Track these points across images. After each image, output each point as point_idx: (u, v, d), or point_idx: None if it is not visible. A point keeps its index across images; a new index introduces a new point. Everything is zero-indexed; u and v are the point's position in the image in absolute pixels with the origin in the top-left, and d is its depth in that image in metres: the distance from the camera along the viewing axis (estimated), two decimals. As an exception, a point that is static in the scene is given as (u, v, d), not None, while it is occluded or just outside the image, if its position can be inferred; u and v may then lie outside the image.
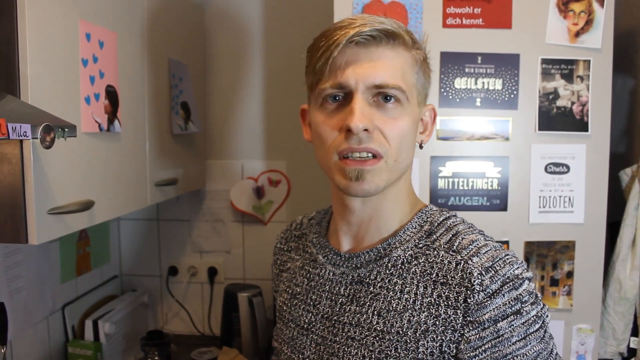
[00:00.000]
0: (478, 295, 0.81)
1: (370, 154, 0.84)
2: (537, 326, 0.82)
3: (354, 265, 0.94)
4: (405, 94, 0.85)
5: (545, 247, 1.54)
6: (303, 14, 2.06)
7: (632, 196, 1.62)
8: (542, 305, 0.85)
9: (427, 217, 0.93)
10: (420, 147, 0.96)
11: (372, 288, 0.90)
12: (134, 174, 1.52)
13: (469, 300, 0.82)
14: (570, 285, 1.55)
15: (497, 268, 0.83)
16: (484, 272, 0.82)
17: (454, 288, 0.84)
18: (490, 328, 0.81)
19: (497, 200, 1.52)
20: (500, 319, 0.81)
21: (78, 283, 1.90)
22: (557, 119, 1.51)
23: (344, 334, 0.91)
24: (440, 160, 1.52)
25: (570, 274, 1.54)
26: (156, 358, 1.81)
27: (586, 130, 1.51)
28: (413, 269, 0.88)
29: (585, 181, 1.52)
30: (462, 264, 0.85)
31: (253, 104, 2.15)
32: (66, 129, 1.02)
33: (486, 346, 0.81)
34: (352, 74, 0.84)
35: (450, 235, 0.89)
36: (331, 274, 0.97)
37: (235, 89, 2.15)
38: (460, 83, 1.50)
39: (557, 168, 1.52)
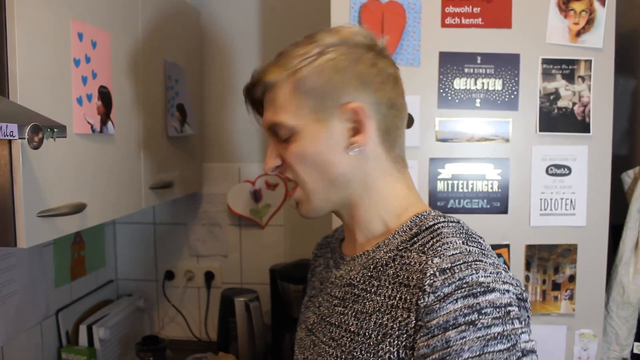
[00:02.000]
0: (428, 298, 0.75)
1: (292, 183, 0.93)
2: (501, 347, 0.70)
3: (349, 268, 0.94)
4: (286, 126, 0.89)
5: (547, 250, 1.51)
6: (299, 16, 2.05)
7: (635, 198, 1.60)
8: (517, 326, 0.72)
9: (419, 221, 0.89)
10: (359, 151, 0.88)
11: (356, 290, 0.90)
12: (128, 176, 1.49)
13: (419, 302, 0.76)
14: (573, 289, 1.52)
15: (455, 270, 0.75)
16: (437, 273, 0.76)
17: (411, 289, 0.78)
18: (439, 336, 0.72)
19: (498, 203, 1.50)
20: (450, 327, 0.72)
21: (72, 287, 1.87)
22: (558, 120, 1.49)
23: (329, 334, 0.91)
24: (439, 162, 1.49)
25: (572, 278, 1.52)
26: (151, 364, 1.78)
27: (588, 131, 1.49)
28: (388, 271, 0.85)
29: (587, 183, 1.50)
30: (422, 264, 0.79)
31: (250, 106, 2.12)
32: (55, 130, 0.99)
33: (434, 356, 0.72)
34: (261, 120, 0.98)
35: (430, 237, 0.83)
36: (334, 277, 0.98)
37: (232, 91, 2.13)
38: (459, 83, 1.48)
39: (559, 170, 1.50)
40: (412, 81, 1.48)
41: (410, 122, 1.48)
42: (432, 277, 0.76)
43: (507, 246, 1.51)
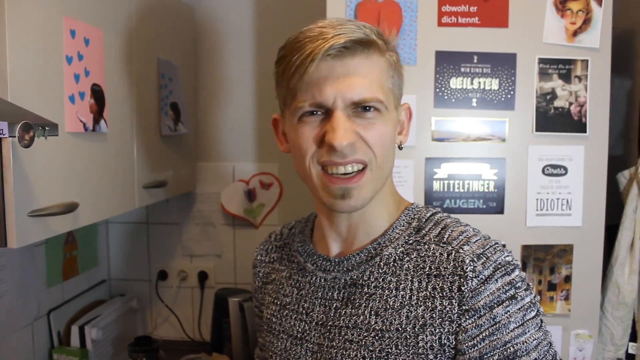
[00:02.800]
0: (471, 282, 0.81)
1: (355, 170, 0.84)
2: (534, 313, 0.82)
3: (345, 269, 0.93)
4: (384, 103, 0.84)
5: (543, 250, 1.50)
6: (295, 14, 2.03)
7: (631, 199, 1.60)
8: (534, 294, 0.85)
9: (414, 214, 0.94)
10: (400, 148, 0.93)
11: (366, 289, 0.89)
12: (120, 175, 1.47)
13: (462, 288, 0.82)
14: (568, 289, 1.52)
15: (489, 254, 0.83)
16: (475, 259, 0.82)
17: (448, 278, 0.83)
18: (487, 315, 0.80)
19: (494, 203, 1.49)
20: (495, 305, 0.81)
21: (64, 288, 1.85)
22: (555, 119, 1.48)
23: (340, 337, 0.89)
24: (435, 162, 1.48)
25: (568, 278, 1.51)
26: (144, 364, 1.76)
27: (584, 131, 1.48)
28: (406, 265, 0.88)
29: (583, 183, 1.50)
30: (453, 254, 0.85)
31: (244, 105, 2.11)
32: (47, 128, 0.98)
33: (484, 334, 0.80)
34: (330, 92, 0.82)
35: (439, 229, 0.89)
36: (322, 280, 0.95)
37: (226, 90, 2.11)
38: (455, 83, 1.47)
39: (555, 170, 1.49)
40: (409, 80, 1.44)
41: (406, 121, 1.47)
42: (472, 263, 0.82)
43: (503, 246, 1.49)
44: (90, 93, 1.30)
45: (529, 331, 0.81)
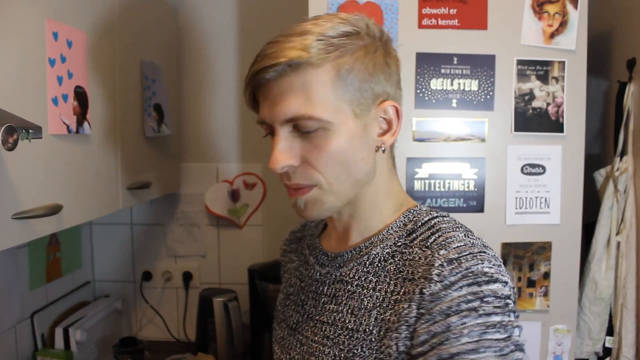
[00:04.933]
0: (434, 286, 0.75)
1: (305, 183, 0.83)
2: (499, 336, 0.72)
3: (337, 265, 0.92)
4: (321, 121, 0.79)
5: (522, 248, 1.53)
6: (277, 15, 2.04)
7: (607, 197, 1.63)
8: (513, 319, 0.74)
9: (413, 217, 0.89)
10: (383, 151, 0.86)
11: (349, 286, 0.88)
12: (104, 177, 1.48)
13: (424, 291, 0.76)
14: (547, 286, 1.55)
15: (462, 260, 0.76)
16: (445, 264, 0.76)
17: (416, 282, 0.78)
18: (441, 322, 0.73)
19: (474, 202, 1.52)
20: (452, 313, 0.73)
21: (48, 289, 1.85)
22: (533, 120, 1.51)
23: (321, 333, 0.89)
24: (416, 162, 1.50)
25: (546, 275, 1.54)
26: (129, 366, 1.77)
27: (561, 131, 1.51)
28: (388, 267, 0.84)
29: (561, 182, 1.53)
30: (429, 258, 0.79)
31: (228, 106, 2.12)
32: (31, 130, 0.98)
33: (433, 342, 0.73)
34: (267, 112, 0.82)
35: (430, 233, 0.84)
36: (318, 274, 0.96)
37: (209, 91, 2.12)
38: (436, 84, 1.49)
39: (533, 169, 1.52)
40: (390, 81, 1.49)
41: (387, 122, 1.49)
42: (440, 267, 0.76)
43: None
44: (74, 95, 1.30)
45: (484, 352, 0.70)
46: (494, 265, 0.77)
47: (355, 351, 0.82)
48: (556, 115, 1.51)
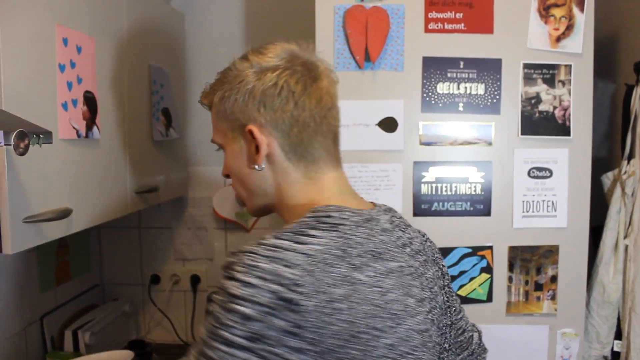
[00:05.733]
0: None
1: None
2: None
3: None
4: (216, 143, 1.01)
5: (529, 251, 1.53)
6: (284, 20, 2.05)
7: (614, 200, 1.63)
8: (217, 317, 0.76)
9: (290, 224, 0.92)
10: (257, 168, 0.94)
11: None
12: (113, 181, 1.49)
13: None
14: (555, 289, 1.55)
15: (227, 259, 0.82)
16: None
17: None
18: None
19: (481, 205, 1.52)
20: None
21: (57, 293, 1.86)
22: (540, 123, 1.51)
23: None
24: (423, 166, 1.51)
25: (554, 279, 1.54)
26: (138, 368, 1.77)
27: (568, 134, 1.51)
28: None
29: (568, 185, 1.53)
30: None
31: (236, 110, 2.13)
32: (41, 135, 1.00)
33: None
34: None
35: None
36: None
37: (217, 95, 2.13)
38: (442, 88, 1.50)
39: (540, 172, 1.52)
40: (396, 86, 1.50)
41: (394, 126, 1.50)
42: None
43: (490, 248, 1.53)
44: (83, 100, 1.32)
45: (204, 324, 0.79)
46: (237, 267, 0.78)
47: None
48: (563, 118, 1.51)
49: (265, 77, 0.93)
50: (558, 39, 1.49)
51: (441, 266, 1.05)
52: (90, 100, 1.35)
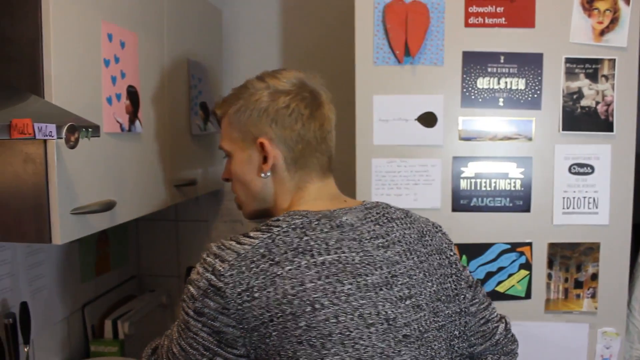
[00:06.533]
0: None
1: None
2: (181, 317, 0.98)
3: None
4: (224, 149, 1.16)
5: (569, 248, 1.51)
6: (321, 15, 2.05)
7: (658, 197, 1.60)
8: (187, 301, 0.96)
9: None
10: (265, 176, 1.10)
11: None
12: (154, 174, 1.52)
13: None
14: (595, 287, 1.52)
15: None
16: None
17: None
18: None
19: (520, 202, 1.50)
20: None
21: (97, 283, 1.91)
22: (581, 119, 1.49)
23: None
24: (462, 161, 1.50)
25: (594, 276, 1.52)
26: (175, 358, 1.80)
27: (611, 130, 1.49)
28: None
29: (610, 182, 1.50)
30: None
31: (271, 104, 2.14)
32: (90, 129, 1.02)
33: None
34: None
35: None
36: None
37: (253, 89, 2.14)
38: (482, 83, 1.48)
39: (582, 169, 1.50)
40: (436, 81, 1.49)
41: (433, 121, 1.49)
42: None
43: (530, 244, 1.51)
44: (126, 94, 1.34)
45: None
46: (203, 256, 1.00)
47: None
48: (605, 114, 1.49)
49: (279, 99, 1.08)
50: (602, 33, 1.47)
51: (449, 255, 1.10)
52: (133, 95, 1.37)
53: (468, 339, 1.09)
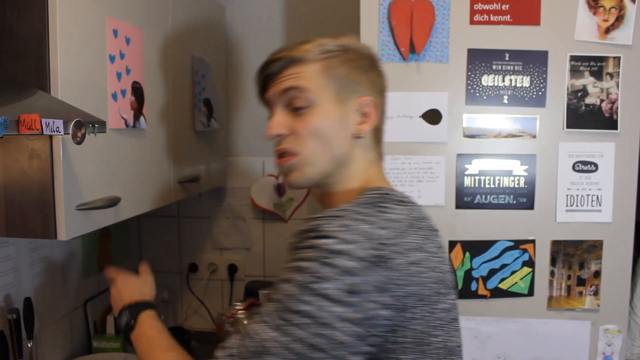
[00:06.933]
0: (290, 247, 0.87)
1: (285, 151, 0.99)
2: (302, 279, 0.80)
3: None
4: (310, 94, 0.98)
5: (572, 246, 1.52)
6: (325, 12, 2.05)
7: (661, 195, 1.60)
8: (320, 266, 0.80)
9: (357, 196, 0.94)
10: (358, 137, 1.00)
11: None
12: (158, 170, 1.52)
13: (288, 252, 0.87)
14: (598, 285, 1.53)
15: (305, 227, 0.85)
16: (298, 232, 0.87)
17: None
18: (287, 265, 0.85)
19: (524, 199, 1.51)
20: (289, 259, 0.85)
21: (99, 279, 1.91)
22: (586, 116, 1.49)
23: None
24: (466, 158, 1.50)
25: (597, 274, 1.52)
26: (178, 354, 1.81)
27: (615, 128, 1.49)
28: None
29: (613, 180, 1.50)
30: None
31: (274, 101, 2.14)
32: (96, 125, 1.02)
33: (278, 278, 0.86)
34: (270, 92, 1.03)
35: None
36: None
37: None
38: (487, 80, 1.48)
39: (585, 166, 1.50)
40: (441, 78, 1.49)
41: (438, 118, 1.49)
42: (295, 235, 0.88)
43: (533, 241, 1.51)
44: (131, 90, 1.34)
45: (289, 282, 0.81)
46: (328, 227, 0.83)
47: None
48: (610, 112, 1.49)
49: (378, 66, 1.06)
50: (607, 31, 1.47)
51: None
52: (137, 91, 1.37)
53: None
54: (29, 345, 1.47)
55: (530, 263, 1.52)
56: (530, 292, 1.53)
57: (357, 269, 0.79)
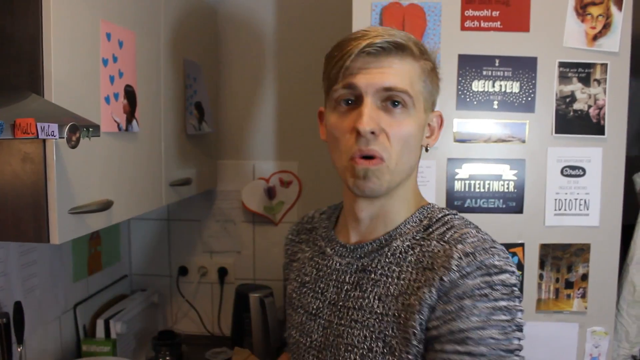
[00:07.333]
0: (453, 275, 0.87)
1: (376, 155, 0.91)
2: (504, 317, 0.85)
3: (358, 256, 1.00)
4: (412, 99, 0.92)
5: (561, 249, 1.54)
6: (317, 16, 2.06)
7: (647, 199, 1.63)
8: (517, 304, 0.87)
9: (427, 214, 1.00)
10: (426, 150, 1.01)
11: (373, 275, 0.97)
12: (150, 173, 1.52)
13: (444, 279, 0.87)
14: (585, 287, 1.55)
15: (477, 254, 0.87)
16: (463, 257, 0.87)
17: (436, 271, 0.89)
18: (455, 303, 0.86)
19: (513, 203, 1.52)
20: (466, 297, 0.85)
21: (89, 282, 1.90)
22: (574, 122, 1.51)
23: (348, 317, 0.97)
24: (456, 163, 1.52)
25: (585, 277, 1.55)
26: (167, 358, 1.81)
27: (602, 133, 1.51)
28: (409, 258, 0.94)
29: (600, 184, 1.53)
30: (447, 251, 0.90)
31: (265, 105, 2.15)
32: (91, 129, 1.02)
33: (447, 318, 0.86)
34: (362, 79, 0.91)
35: (445, 229, 0.95)
36: (338, 264, 1.03)
37: (247, 90, 2.15)
38: (477, 86, 1.50)
39: (573, 171, 1.52)
40: (431, 83, 1.50)
41: (429, 123, 1.50)
42: (458, 260, 0.88)
43: (522, 245, 1.53)
44: (124, 94, 1.34)
45: (489, 329, 0.84)
46: (502, 258, 0.89)
47: (387, 332, 0.92)
48: (597, 117, 1.51)
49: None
50: (594, 38, 1.49)
51: None
52: (130, 94, 1.37)
53: None
54: (19, 350, 1.46)
55: (519, 266, 1.54)
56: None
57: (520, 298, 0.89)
